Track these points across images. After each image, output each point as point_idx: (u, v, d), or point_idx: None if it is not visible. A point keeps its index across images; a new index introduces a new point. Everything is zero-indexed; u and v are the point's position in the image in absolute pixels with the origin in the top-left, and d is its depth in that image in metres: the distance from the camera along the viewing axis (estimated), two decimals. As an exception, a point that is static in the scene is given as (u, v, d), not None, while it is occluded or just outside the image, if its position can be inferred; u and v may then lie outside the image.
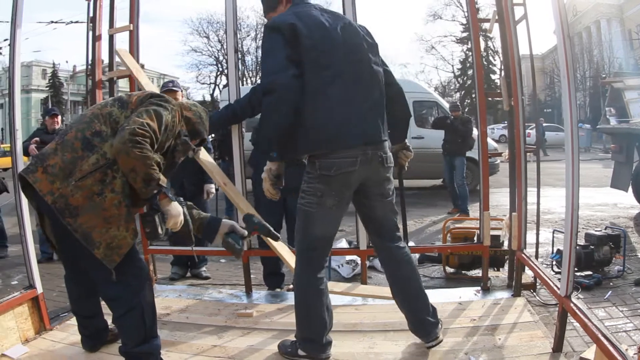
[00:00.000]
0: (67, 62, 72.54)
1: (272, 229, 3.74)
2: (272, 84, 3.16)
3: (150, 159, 2.92)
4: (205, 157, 5.04)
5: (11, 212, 10.34)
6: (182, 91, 6.15)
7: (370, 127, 3.35)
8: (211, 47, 53.06)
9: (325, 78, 3.23)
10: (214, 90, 54.57)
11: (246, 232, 3.63)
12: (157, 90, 4.31)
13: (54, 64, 56.84)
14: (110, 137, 3.03)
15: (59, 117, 8.02)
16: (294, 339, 3.57)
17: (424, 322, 3.55)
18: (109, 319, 3.80)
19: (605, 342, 2.83)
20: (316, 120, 3.22)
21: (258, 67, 44.17)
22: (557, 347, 3.45)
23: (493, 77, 43.54)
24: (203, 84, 55.15)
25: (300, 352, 3.48)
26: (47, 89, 55.54)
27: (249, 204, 4.84)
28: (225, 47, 51.19)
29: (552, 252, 5.92)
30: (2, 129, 51.06)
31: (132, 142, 2.86)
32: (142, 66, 5.68)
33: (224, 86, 49.42)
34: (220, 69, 53.52)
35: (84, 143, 3.03)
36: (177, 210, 3.16)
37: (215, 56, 53.26)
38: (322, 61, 3.23)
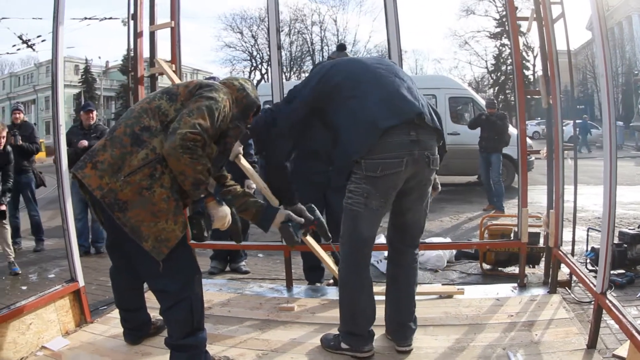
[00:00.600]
0: (99, 57, 73.48)
1: (327, 229, 3.80)
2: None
3: (200, 165, 2.98)
4: (245, 162, 5.16)
5: (46, 206, 10.62)
6: None
7: (405, 103, 3.32)
8: (245, 42, 52.98)
9: (347, 98, 3.37)
10: (248, 85, 54.69)
11: (303, 221, 3.69)
12: None
13: (86, 59, 57.29)
14: (160, 132, 3.07)
15: (94, 112, 8.13)
16: (337, 332, 3.65)
17: (406, 327, 3.61)
18: (151, 312, 3.98)
19: (639, 337, 2.86)
20: (347, 130, 3.33)
21: (292, 62, 44.17)
22: (592, 344, 3.47)
23: (527, 72, 43.00)
24: (237, 79, 55.33)
25: (343, 345, 3.54)
26: (80, 84, 56.09)
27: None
28: (258, 42, 51.36)
29: (587, 250, 5.90)
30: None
31: (183, 147, 2.90)
32: (167, 61, 5.81)
33: (258, 81, 49.62)
34: (254, 64, 53.62)
35: (133, 138, 3.08)
36: (224, 212, 3.23)
37: (249, 51, 53.19)
38: (347, 85, 3.39)
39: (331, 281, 5.38)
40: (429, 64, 65.43)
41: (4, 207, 6.72)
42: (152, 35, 5.55)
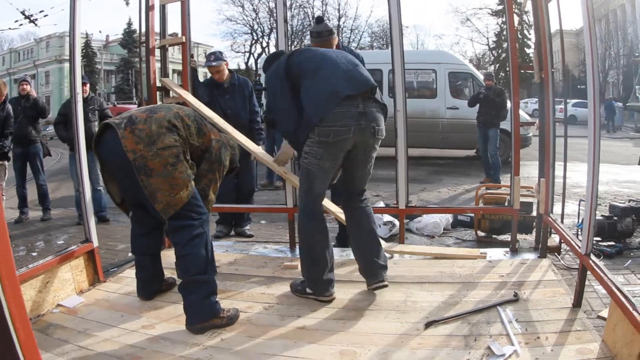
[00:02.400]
0: (100, 32, 72.99)
1: None
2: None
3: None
4: (261, 153, 5.48)
5: (50, 177, 10.80)
6: (225, 61, 6.45)
7: (362, 78, 3.88)
8: (246, 16, 52.64)
9: (311, 74, 3.88)
10: (248, 58, 54.28)
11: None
12: (203, 109, 5.34)
13: (86, 34, 56.71)
14: (182, 136, 3.70)
15: (87, 85, 8.20)
16: (303, 278, 4.11)
17: (373, 264, 4.00)
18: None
19: (619, 295, 3.02)
20: (310, 101, 3.82)
21: (293, 36, 43.93)
22: (577, 303, 3.67)
23: (528, 50, 42.80)
24: (238, 52, 54.87)
25: (308, 290, 4.04)
26: (81, 58, 55.99)
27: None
28: (259, 16, 51.04)
29: (579, 222, 6.05)
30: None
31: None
32: (176, 35, 6.01)
33: (259, 55, 49.45)
34: (255, 38, 53.38)
35: (169, 126, 3.64)
36: None
37: (250, 25, 52.87)
38: (310, 66, 3.92)
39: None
40: (430, 39, 65.26)
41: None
42: (162, 8, 5.77)
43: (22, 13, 24.13)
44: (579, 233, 5.69)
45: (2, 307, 1.57)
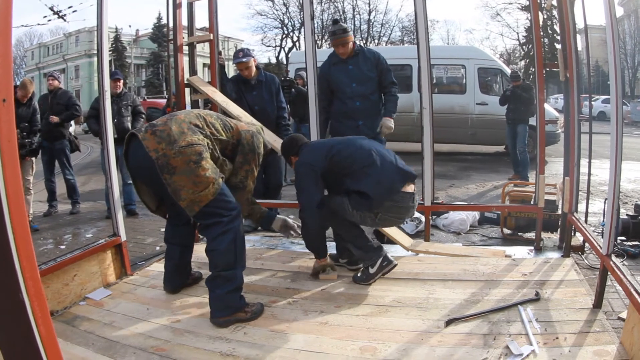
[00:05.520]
0: (129, 26, 73.43)
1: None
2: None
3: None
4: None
5: (80, 171, 10.96)
6: (253, 57, 6.50)
7: (406, 170, 4.31)
8: (276, 10, 52.67)
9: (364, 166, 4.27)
10: (279, 53, 54.48)
11: (295, 226, 4.65)
12: (231, 106, 5.57)
13: (116, 28, 57.17)
14: (206, 135, 3.81)
15: (121, 81, 8.46)
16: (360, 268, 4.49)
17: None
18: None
19: (637, 297, 3.01)
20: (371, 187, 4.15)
21: (324, 31, 43.79)
22: (597, 304, 3.66)
23: (558, 46, 42.27)
24: (268, 46, 55.02)
25: (372, 270, 4.31)
26: (110, 52, 56.30)
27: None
28: (289, 10, 51.01)
29: (603, 221, 6.03)
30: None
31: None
32: (205, 29, 6.09)
33: (290, 49, 49.47)
34: (285, 32, 53.45)
35: (190, 126, 3.75)
36: None
37: (280, 19, 52.95)
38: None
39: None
40: (460, 34, 64.49)
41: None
42: (190, 5, 5.89)
43: (51, 9, 24.44)
44: (603, 232, 5.69)
45: (25, 305, 1.66)
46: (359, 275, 4.36)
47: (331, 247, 4.69)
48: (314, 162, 4.23)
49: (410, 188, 4.19)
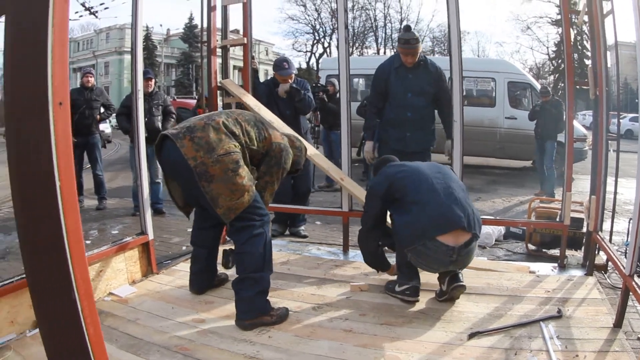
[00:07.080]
0: (160, 25, 73.93)
1: None
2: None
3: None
4: (317, 157, 5.63)
5: (107, 167, 11.09)
6: (295, 73, 6.66)
7: (452, 216, 3.99)
8: (308, 15, 52.85)
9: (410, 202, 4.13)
10: (309, 58, 54.66)
11: None
12: (262, 110, 5.50)
13: (147, 27, 57.36)
14: (241, 143, 3.85)
15: (153, 80, 8.59)
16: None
17: None
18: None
19: None
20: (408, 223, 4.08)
21: (355, 37, 43.79)
22: (618, 323, 3.67)
23: (587, 62, 41.86)
24: (299, 51, 55.21)
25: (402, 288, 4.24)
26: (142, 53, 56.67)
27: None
28: (321, 16, 51.11)
29: (627, 240, 5.88)
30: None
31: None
32: (237, 31, 6.19)
33: (320, 55, 49.60)
34: (317, 38, 53.57)
35: (228, 133, 3.79)
36: None
37: (311, 25, 53.05)
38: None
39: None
40: (491, 46, 64.35)
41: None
42: (224, 9, 5.98)
43: (83, 5, 24.65)
44: (627, 252, 5.68)
45: (77, 305, 1.75)
46: (389, 284, 4.42)
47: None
48: (376, 185, 4.33)
49: (450, 239, 3.86)
